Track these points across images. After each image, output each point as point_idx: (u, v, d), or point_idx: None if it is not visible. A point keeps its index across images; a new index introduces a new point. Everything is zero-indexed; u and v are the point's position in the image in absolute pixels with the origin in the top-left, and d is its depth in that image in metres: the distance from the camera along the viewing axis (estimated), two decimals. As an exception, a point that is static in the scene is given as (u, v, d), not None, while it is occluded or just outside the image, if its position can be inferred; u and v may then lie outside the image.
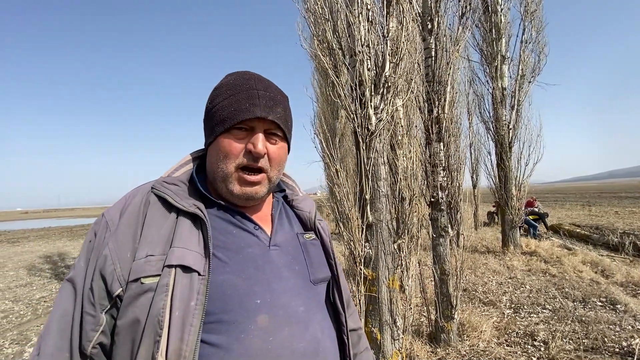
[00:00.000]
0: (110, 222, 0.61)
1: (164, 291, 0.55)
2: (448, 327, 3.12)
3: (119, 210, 0.63)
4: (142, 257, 0.57)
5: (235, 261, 0.62)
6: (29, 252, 11.21)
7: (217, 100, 0.67)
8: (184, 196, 0.64)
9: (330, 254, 0.79)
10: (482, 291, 4.78)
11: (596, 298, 4.25)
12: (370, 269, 2.35)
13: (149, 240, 0.59)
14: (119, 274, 0.56)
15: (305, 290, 0.67)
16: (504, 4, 7.08)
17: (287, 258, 0.69)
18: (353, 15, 2.31)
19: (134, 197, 0.65)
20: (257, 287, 0.61)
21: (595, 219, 12.29)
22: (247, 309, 0.59)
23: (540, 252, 6.93)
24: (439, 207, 3.14)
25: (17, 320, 4.60)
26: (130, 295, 0.55)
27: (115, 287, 0.56)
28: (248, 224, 0.69)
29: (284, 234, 0.73)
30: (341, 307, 0.76)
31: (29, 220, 41.62)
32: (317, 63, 4.81)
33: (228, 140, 0.65)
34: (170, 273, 0.56)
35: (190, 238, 0.60)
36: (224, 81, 0.69)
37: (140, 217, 0.62)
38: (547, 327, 3.48)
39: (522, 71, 7.09)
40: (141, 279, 0.56)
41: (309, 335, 0.63)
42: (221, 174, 0.66)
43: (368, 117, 2.33)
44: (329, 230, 0.85)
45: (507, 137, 7.19)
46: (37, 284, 6.60)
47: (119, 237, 0.59)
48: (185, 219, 0.62)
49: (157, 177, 0.70)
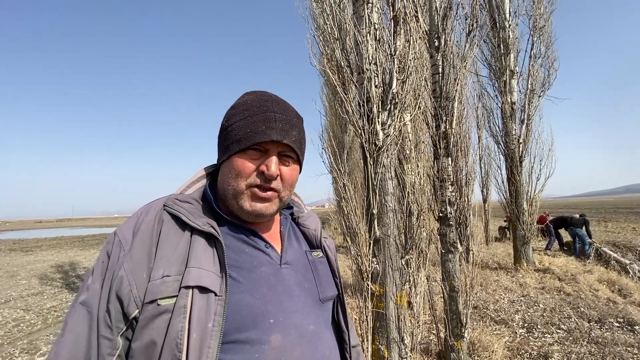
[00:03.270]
0: (123, 241, 0.60)
1: (181, 313, 0.55)
2: (458, 346, 3.04)
3: (131, 229, 0.62)
4: (158, 277, 0.57)
5: (248, 280, 0.63)
6: (42, 261, 11.40)
7: (233, 120, 0.67)
8: (198, 214, 0.64)
9: (336, 272, 0.80)
10: (493, 309, 4.66)
11: (613, 318, 4.10)
12: (378, 285, 2.33)
13: (165, 260, 0.59)
14: (135, 295, 0.55)
15: (314, 309, 0.69)
16: (512, 20, 7.14)
17: (297, 276, 0.70)
18: (361, 34, 2.37)
19: (146, 215, 0.64)
20: (270, 306, 0.62)
21: (612, 235, 11.91)
22: (262, 328, 0.59)
23: (554, 269, 6.74)
24: (447, 222, 3.12)
25: (27, 329, 4.65)
26: (146, 317, 0.55)
27: (132, 309, 0.55)
28: (259, 242, 0.69)
29: (294, 252, 0.74)
30: (345, 325, 0.78)
31: (43, 230, 42.46)
32: (326, 79, 4.91)
33: (242, 160, 0.65)
34: (187, 294, 0.56)
35: (205, 257, 0.60)
36: (241, 100, 0.69)
37: (155, 236, 0.61)
38: (562, 349, 3.36)
39: (531, 85, 7.07)
40: (158, 301, 0.55)
41: (320, 354, 0.65)
42: (232, 191, 0.66)
43: (375, 133, 2.36)
44: (335, 247, 0.87)
45: (518, 152, 7.12)
46: (48, 293, 6.70)
47: (134, 257, 0.58)
48: (199, 237, 0.62)
49: (170, 193, 0.70)
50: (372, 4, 2.42)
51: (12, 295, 6.62)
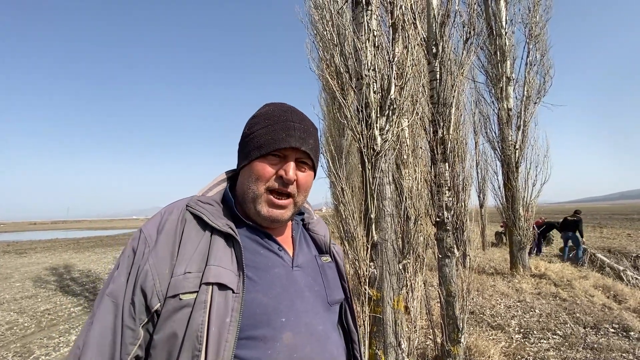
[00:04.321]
0: (148, 238, 0.64)
1: (202, 307, 0.58)
2: (454, 351, 3.04)
3: (155, 226, 0.65)
4: (180, 273, 0.60)
5: (263, 280, 0.66)
6: (36, 264, 11.29)
7: (255, 128, 0.71)
8: (218, 216, 0.68)
9: (344, 277, 0.84)
10: (489, 314, 4.67)
11: (608, 324, 4.12)
12: (375, 289, 2.34)
13: (187, 258, 0.62)
14: (158, 290, 0.59)
15: (323, 310, 0.73)
16: (509, 28, 7.23)
17: (308, 279, 0.74)
18: (360, 40, 2.40)
19: (170, 214, 0.67)
20: (282, 305, 0.65)
21: (607, 242, 12.00)
22: (274, 326, 0.63)
23: (550, 274, 6.76)
24: (444, 227, 3.13)
25: (21, 333, 4.60)
26: (168, 310, 0.58)
27: (154, 302, 0.59)
28: (273, 244, 0.73)
29: (304, 256, 0.78)
30: (354, 326, 0.83)
31: (37, 232, 42.05)
32: (325, 83, 4.94)
33: (262, 165, 0.69)
34: (207, 290, 0.60)
35: (224, 257, 0.64)
36: (262, 110, 0.74)
37: (178, 235, 0.65)
38: (558, 354, 3.37)
39: (527, 92, 7.15)
40: (180, 295, 0.59)
41: (328, 353, 0.69)
42: (251, 194, 0.70)
43: (374, 138, 2.38)
44: (343, 254, 0.92)
45: (514, 157, 7.18)
46: (42, 296, 6.63)
47: (159, 254, 0.62)
48: (219, 237, 0.66)
49: (191, 195, 0.74)
50: (371, 10, 2.46)
51: (6, 297, 6.54)
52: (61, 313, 5.46)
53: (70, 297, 6.47)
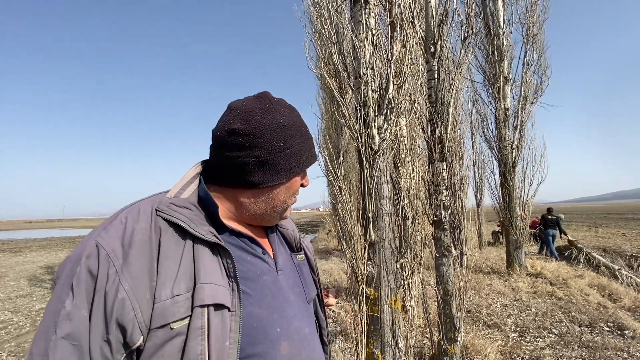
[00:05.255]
0: (112, 255, 0.50)
1: (199, 335, 0.51)
2: (451, 350, 3.05)
3: (119, 239, 0.52)
4: (167, 297, 0.51)
5: (255, 291, 0.62)
6: (31, 262, 11.21)
7: (291, 142, 0.66)
8: (199, 222, 0.58)
9: (315, 270, 0.85)
10: (486, 313, 4.69)
11: (603, 323, 4.15)
12: (373, 288, 2.34)
13: (170, 276, 0.52)
14: (140, 321, 0.49)
15: (304, 311, 0.73)
16: (506, 28, 7.25)
17: (290, 282, 0.72)
18: (358, 39, 2.40)
19: (137, 222, 0.55)
20: (275, 314, 0.63)
21: (602, 241, 12.09)
22: (271, 339, 0.61)
23: (546, 273, 6.80)
24: (441, 226, 3.14)
25: (15, 332, 4.57)
26: (156, 344, 0.49)
27: (136, 337, 0.48)
28: (257, 248, 0.68)
29: (282, 257, 0.75)
30: (323, 314, 0.86)
31: (32, 230, 41.75)
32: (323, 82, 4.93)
33: (296, 179, 0.71)
34: (203, 313, 0.52)
35: (214, 271, 0.56)
36: (289, 120, 0.66)
37: (154, 248, 0.53)
38: (554, 353, 3.39)
39: (524, 92, 7.18)
40: (170, 324, 0.50)
41: (317, 354, 0.71)
42: (285, 207, 0.71)
43: (372, 137, 2.37)
44: (311, 245, 0.92)
45: (511, 157, 7.20)
46: (38, 295, 6.58)
47: (133, 275, 0.50)
48: (203, 247, 0.57)
49: (154, 193, 0.64)
50: (369, 9, 2.45)
51: (0, 296, 6.49)
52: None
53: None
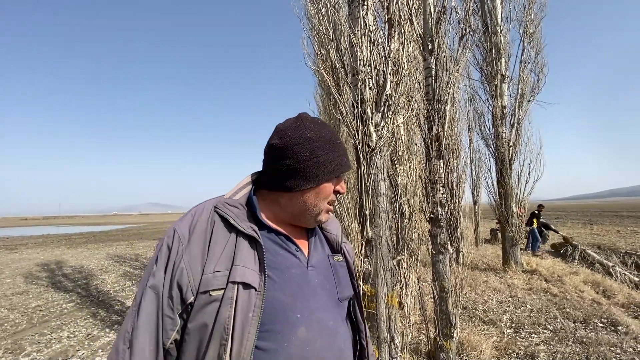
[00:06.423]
0: (182, 237, 0.71)
1: (229, 303, 0.67)
2: (447, 346, 3.08)
3: (187, 226, 0.73)
4: (210, 272, 0.69)
5: (282, 279, 0.74)
6: (27, 260, 11.15)
7: (318, 153, 0.78)
8: (243, 219, 0.76)
9: (354, 274, 0.92)
10: (482, 309, 4.73)
11: (597, 319, 4.20)
12: (369, 285, 2.35)
13: (215, 257, 0.71)
14: (192, 285, 0.68)
15: (333, 307, 0.81)
16: (504, 25, 7.25)
17: (321, 278, 0.81)
18: (356, 36, 2.39)
19: (201, 215, 0.75)
20: (298, 302, 0.74)
21: (597, 238, 12.20)
22: (290, 322, 0.71)
23: (542, 270, 6.86)
24: (438, 223, 3.15)
25: (11, 329, 4.55)
26: (200, 304, 0.67)
27: (189, 296, 0.68)
28: (291, 245, 0.81)
29: (318, 256, 0.85)
30: (361, 318, 0.92)
31: (28, 227, 41.47)
32: (320, 79, 4.91)
33: (328, 185, 0.81)
34: (234, 288, 0.68)
35: (248, 258, 0.72)
36: (317, 134, 0.80)
37: (208, 235, 0.73)
38: (548, 348, 3.43)
39: (521, 90, 7.20)
40: (210, 291, 0.68)
41: (336, 346, 0.77)
42: (317, 210, 0.81)
43: (369, 134, 2.37)
44: (353, 251, 0.98)
45: (507, 155, 7.24)
46: (34, 292, 6.56)
47: (192, 252, 0.70)
48: (243, 239, 0.74)
49: (219, 195, 0.83)
50: (367, 6, 2.44)
51: (-4, 294, 6.46)
52: (53, 309, 5.41)
53: (62, 294, 6.41)
